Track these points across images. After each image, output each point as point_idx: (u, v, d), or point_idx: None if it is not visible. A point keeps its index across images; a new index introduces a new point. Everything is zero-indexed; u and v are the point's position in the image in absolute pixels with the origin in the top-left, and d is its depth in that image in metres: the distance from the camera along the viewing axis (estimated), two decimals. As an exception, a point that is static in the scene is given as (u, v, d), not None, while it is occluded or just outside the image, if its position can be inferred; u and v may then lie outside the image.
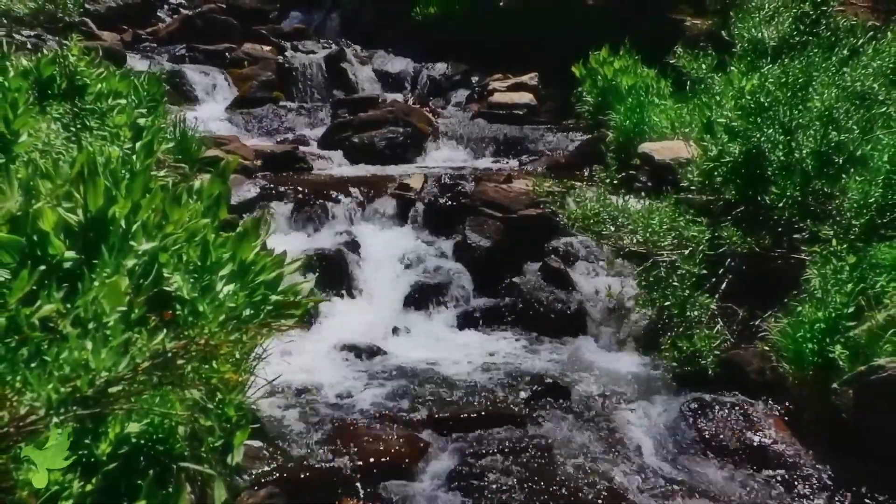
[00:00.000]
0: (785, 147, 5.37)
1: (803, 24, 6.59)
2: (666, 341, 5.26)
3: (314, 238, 6.90)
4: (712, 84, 6.43)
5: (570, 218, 5.91)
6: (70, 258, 2.65)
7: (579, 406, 5.04)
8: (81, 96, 4.59)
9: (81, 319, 2.37)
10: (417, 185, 7.47)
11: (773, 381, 4.88)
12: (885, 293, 4.50)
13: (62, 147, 3.91)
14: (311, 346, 5.67)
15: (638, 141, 7.51)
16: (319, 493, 3.96)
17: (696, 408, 4.80)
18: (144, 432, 2.58)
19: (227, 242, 3.03)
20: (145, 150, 4.24)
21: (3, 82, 4.08)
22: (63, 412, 2.02)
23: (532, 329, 6.23)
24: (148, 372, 2.18)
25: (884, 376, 4.11)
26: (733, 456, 4.47)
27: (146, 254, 2.73)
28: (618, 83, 8.73)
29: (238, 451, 3.12)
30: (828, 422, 4.45)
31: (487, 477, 4.19)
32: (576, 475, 4.24)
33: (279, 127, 10.23)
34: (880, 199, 4.94)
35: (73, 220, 2.75)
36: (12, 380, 2.04)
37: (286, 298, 3.05)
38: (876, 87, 5.44)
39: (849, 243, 4.82)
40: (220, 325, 2.60)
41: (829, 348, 4.47)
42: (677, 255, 5.33)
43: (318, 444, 4.38)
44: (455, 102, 11.53)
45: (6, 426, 1.95)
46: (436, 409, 4.89)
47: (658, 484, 4.23)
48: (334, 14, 15.35)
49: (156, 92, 5.67)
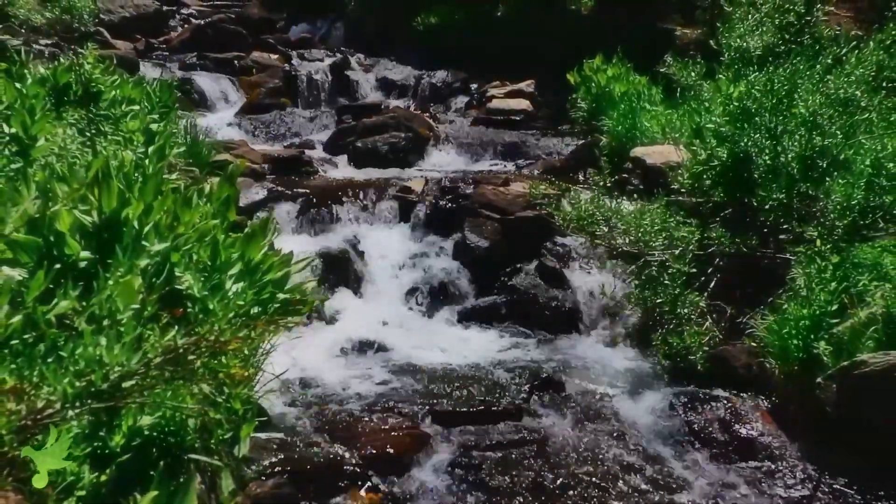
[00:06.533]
0: (771, 151, 5.45)
1: (788, 33, 6.64)
2: (657, 338, 5.36)
3: (319, 239, 7.03)
4: (701, 91, 6.50)
5: (565, 219, 6.01)
6: (85, 258, 2.67)
7: (574, 400, 5.14)
8: (96, 103, 4.61)
9: (96, 317, 2.38)
10: (418, 188, 7.60)
11: (760, 376, 4.98)
12: (866, 291, 4.61)
13: (77, 151, 3.94)
14: (316, 342, 5.77)
15: (630, 145, 7.63)
16: (325, 483, 4.03)
17: (685, 401, 4.91)
18: (156, 425, 2.62)
19: (236, 243, 3.08)
20: (157, 154, 4.27)
21: (21, 89, 4.07)
22: (78, 405, 2.05)
23: (529, 326, 6.32)
24: (160, 367, 2.21)
25: (866, 371, 4.21)
26: (721, 448, 4.58)
27: (158, 254, 2.76)
28: (611, 90, 8.82)
29: (245, 443, 3.19)
30: (812, 415, 4.54)
31: (486, 468, 4.32)
32: (570, 466, 4.36)
33: (286, 132, 10.34)
34: (862, 201, 5.03)
35: (88, 221, 2.77)
36: (30, 374, 2.08)
37: (293, 296, 3.09)
38: (858, 94, 5.51)
39: (832, 244, 4.92)
40: (229, 322, 2.64)
41: (813, 344, 4.58)
42: (668, 255, 5.41)
43: (323, 436, 4.46)
44: (455, 108, 11.61)
45: (24, 419, 1.97)
46: (437, 403, 4.97)
47: (648, 474, 4.33)
48: (339, 24, 15.47)
49: (168, 98, 5.65)
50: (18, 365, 2.13)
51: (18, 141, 3.54)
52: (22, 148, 3.53)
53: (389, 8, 14.35)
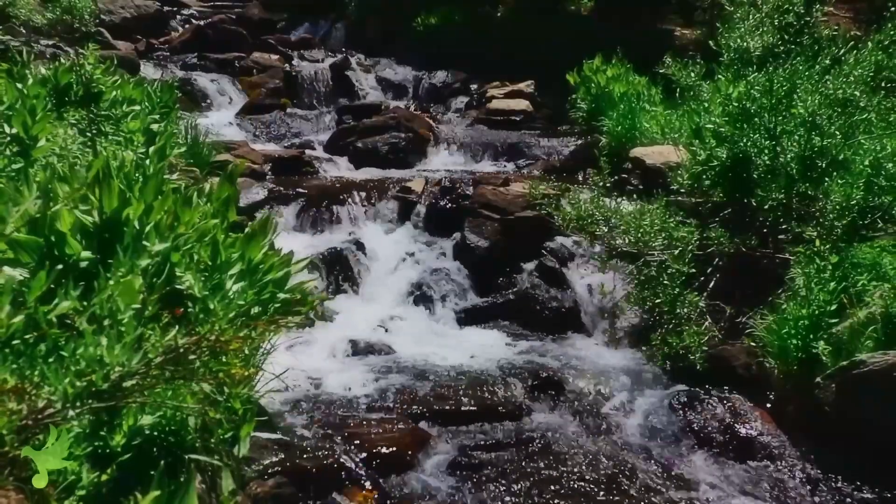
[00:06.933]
0: (770, 152, 5.46)
1: (787, 34, 6.62)
2: (656, 337, 5.36)
3: (320, 239, 7.05)
4: (700, 91, 6.47)
5: (564, 219, 6.01)
6: (86, 258, 2.68)
7: (573, 399, 5.15)
8: (97, 103, 4.61)
9: (97, 316, 2.38)
10: (419, 188, 7.62)
11: (759, 376, 4.99)
12: (865, 291, 4.62)
13: (78, 151, 3.95)
14: (316, 342, 5.78)
15: (630, 146, 7.66)
16: (325, 482, 4.03)
17: (685, 401, 4.92)
18: (157, 424, 2.61)
19: (237, 243, 3.10)
20: (158, 154, 4.29)
21: (22, 89, 4.08)
22: (79, 405, 2.04)
23: (528, 326, 6.33)
24: (160, 366, 2.20)
25: (865, 371, 4.22)
26: (720, 447, 4.59)
27: (159, 254, 2.76)
28: (610, 90, 8.88)
29: (244, 443, 3.16)
30: (811, 414, 4.55)
31: (486, 467, 4.33)
32: (569, 465, 4.36)
33: (286, 132, 10.36)
34: (861, 201, 5.05)
35: (88, 221, 2.78)
36: (31, 374, 2.07)
37: (293, 296, 3.13)
38: (857, 94, 5.49)
39: (831, 244, 4.92)
40: (230, 321, 2.65)
41: (812, 344, 4.60)
42: (667, 255, 5.41)
43: (324, 435, 4.46)
44: (455, 109, 11.64)
45: (25, 419, 1.96)
46: (436, 403, 4.98)
47: (648, 473, 4.33)
48: (339, 24, 15.51)
49: (168, 99, 5.67)
50: (20, 365, 2.13)
51: (19, 141, 3.55)
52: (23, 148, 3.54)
53: (389, 9, 14.38)
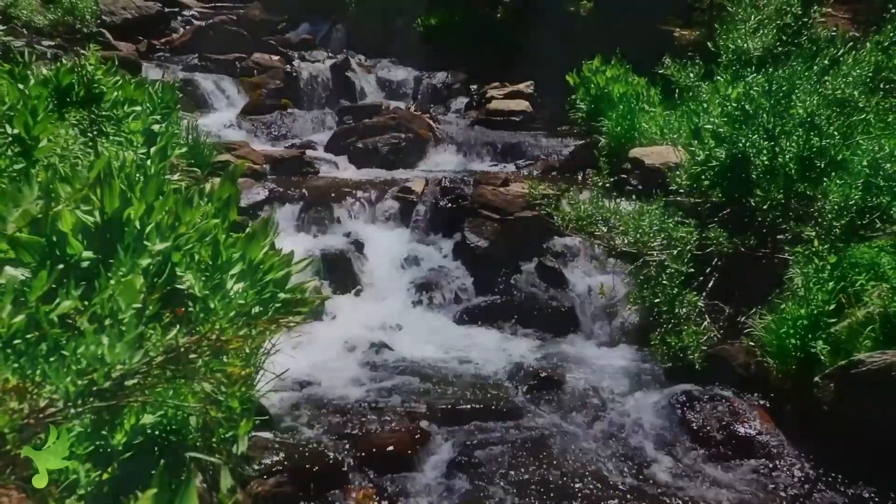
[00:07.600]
0: (769, 152, 5.46)
1: (786, 35, 6.63)
2: (655, 337, 5.37)
3: (321, 238, 7.08)
4: (699, 92, 6.49)
5: (564, 219, 6.02)
6: (87, 258, 2.71)
7: (573, 398, 5.18)
8: (98, 104, 4.57)
9: (98, 316, 2.39)
10: (419, 188, 7.65)
11: (758, 375, 4.99)
12: (864, 291, 4.62)
13: (80, 152, 3.95)
14: (316, 341, 5.78)
15: (629, 146, 7.67)
16: (326, 481, 4.06)
17: (683, 400, 4.94)
18: (158, 423, 2.64)
19: (237, 243, 3.10)
20: (159, 154, 4.31)
21: (23, 90, 4.07)
22: (80, 404, 2.05)
23: (528, 325, 6.36)
24: (161, 366, 2.20)
25: (863, 370, 4.23)
26: (719, 446, 4.60)
27: (160, 253, 2.77)
28: (610, 91, 8.91)
29: (243, 441, 3.18)
30: (809, 414, 4.56)
31: (486, 466, 4.34)
32: (568, 463, 4.39)
33: (287, 133, 10.38)
34: (860, 201, 5.05)
35: (90, 221, 2.80)
36: (32, 373, 2.09)
37: (294, 296, 3.12)
38: (855, 95, 5.51)
39: (830, 244, 4.94)
40: (231, 321, 2.66)
41: (811, 344, 4.60)
42: (666, 255, 5.42)
43: (324, 434, 4.49)
44: (454, 109, 11.66)
45: (27, 418, 1.96)
46: (437, 401, 5.00)
47: (647, 473, 4.36)
48: (340, 25, 15.48)
49: (169, 99, 5.64)
50: (21, 364, 2.14)
51: (21, 142, 3.55)
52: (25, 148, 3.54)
53: (389, 9, 14.39)
